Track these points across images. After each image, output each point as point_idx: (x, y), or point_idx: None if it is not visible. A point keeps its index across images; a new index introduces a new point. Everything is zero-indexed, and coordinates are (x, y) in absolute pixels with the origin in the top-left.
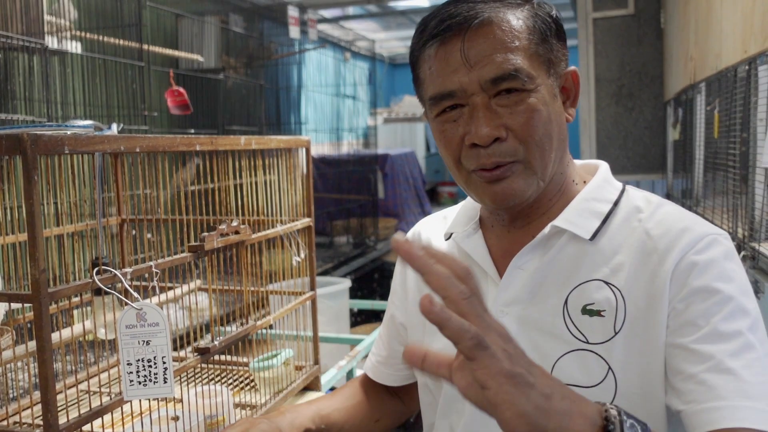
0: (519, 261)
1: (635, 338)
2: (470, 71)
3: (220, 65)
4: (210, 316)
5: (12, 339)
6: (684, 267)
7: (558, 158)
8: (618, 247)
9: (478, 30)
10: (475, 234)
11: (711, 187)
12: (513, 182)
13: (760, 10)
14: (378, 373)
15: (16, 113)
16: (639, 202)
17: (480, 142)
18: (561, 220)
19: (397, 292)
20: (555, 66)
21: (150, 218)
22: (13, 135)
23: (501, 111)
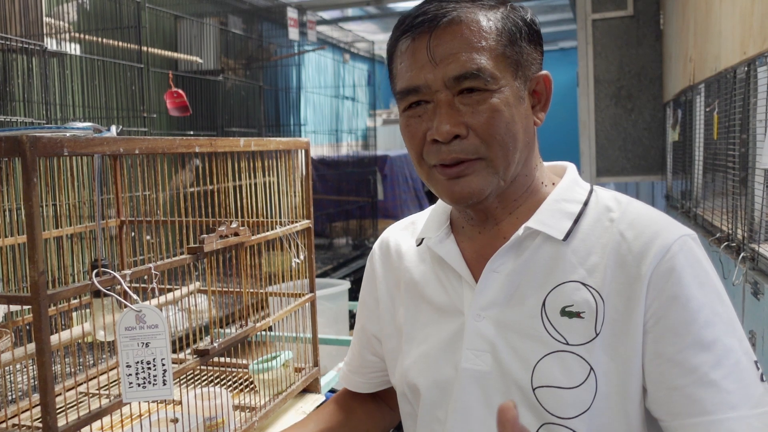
0: (494, 264)
1: (614, 339)
2: (435, 68)
3: (219, 67)
4: (209, 317)
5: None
6: (660, 273)
7: (522, 159)
8: (591, 248)
9: (446, 28)
10: (447, 238)
11: (710, 188)
12: (472, 181)
13: (759, 11)
14: (352, 382)
15: (15, 115)
16: (608, 202)
17: (440, 138)
18: (534, 222)
19: (366, 303)
20: (524, 69)
21: (149, 220)
22: (12, 137)
23: (463, 109)
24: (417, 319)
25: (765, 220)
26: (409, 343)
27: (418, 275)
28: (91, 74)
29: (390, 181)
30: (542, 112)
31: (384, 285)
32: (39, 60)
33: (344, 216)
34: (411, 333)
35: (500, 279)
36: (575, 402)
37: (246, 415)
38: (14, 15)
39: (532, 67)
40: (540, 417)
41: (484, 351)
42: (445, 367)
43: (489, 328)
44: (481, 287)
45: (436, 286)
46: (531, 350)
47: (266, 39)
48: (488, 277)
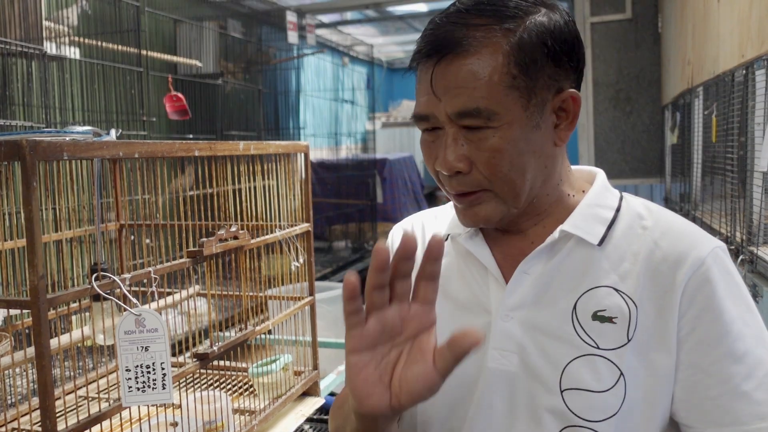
0: (525, 266)
1: (646, 346)
2: (438, 102)
3: (218, 70)
4: (209, 321)
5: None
6: (694, 285)
7: (538, 183)
8: (624, 254)
9: (452, 61)
10: (477, 236)
11: (709, 191)
12: (481, 210)
13: (757, 14)
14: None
15: (15, 119)
16: (639, 209)
17: (444, 171)
18: (569, 226)
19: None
20: (538, 95)
21: (149, 223)
22: (12, 141)
23: (467, 144)
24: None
25: (763, 223)
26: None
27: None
28: (90, 78)
29: (389, 184)
30: (568, 131)
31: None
32: (39, 64)
33: (343, 219)
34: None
35: (530, 280)
36: (603, 406)
37: (245, 419)
38: (14, 19)
39: (555, 87)
40: (564, 419)
41: (511, 351)
42: (468, 365)
43: (516, 329)
44: (511, 288)
45: (459, 282)
46: (561, 352)
47: (265, 42)
48: (519, 278)
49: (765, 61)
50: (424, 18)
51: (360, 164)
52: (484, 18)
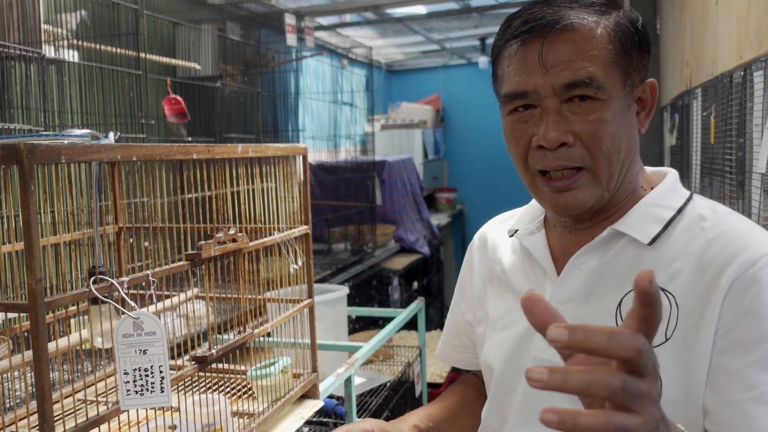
0: (577, 260)
1: (684, 346)
2: (546, 74)
3: (217, 73)
4: (207, 324)
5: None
6: (740, 285)
7: (625, 169)
8: (677, 255)
9: (559, 35)
10: (538, 232)
11: (708, 192)
12: (578, 194)
13: (755, 15)
14: (450, 358)
15: (13, 122)
16: (704, 211)
17: (547, 145)
18: (621, 224)
19: (463, 290)
20: (632, 77)
21: (147, 226)
22: (9, 144)
23: (571, 117)
24: (502, 306)
25: (762, 224)
26: (492, 327)
27: (507, 265)
28: (89, 81)
29: (388, 186)
30: (647, 119)
31: (479, 274)
32: (37, 67)
33: (343, 221)
34: (495, 319)
35: (581, 276)
36: None
37: (244, 422)
38: (12, 22)
39: (640, 75)
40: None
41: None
42: (518, 353)
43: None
44: (561, 281)
45: (521, 276)
46: None
47: (264, 45)
48: (570, 273)
49: (763, 63)
50: (423, 20)
51: (359, 166)
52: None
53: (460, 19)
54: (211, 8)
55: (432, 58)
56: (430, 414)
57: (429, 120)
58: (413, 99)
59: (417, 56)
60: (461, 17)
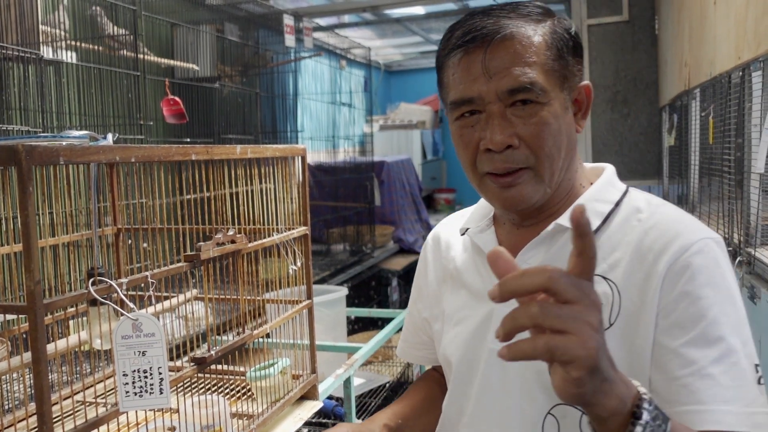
0: (525, 255)
1: (627, 331)
2: (489, 81)
3: (215, 74)
4: (206, 325)
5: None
6: (676, 270)
7: (566, 166)
8: (617, 245)
9: (500, 44)
10: (488, 230)
11: (707, 192)
12: (522, 189)
13: (753, 16)
14: (411, 356)
15: (12, 124)
16: (640, 203)
17: (494, 148)
18: (564, 219)
19: (419, 289)
20: (569, 80)
21: (146, 228)
22: (8, 146)
23: (515, 120)
24: (456, 302)
25: (761, 224)
26: (449, 323)
27: (460, 263)
28: (87, 82)
29: (387, 186)
30: (583, 119)
31: (433, 273)
32: (35, 68)
33: (341, 222)
34: (450, 314)
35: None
36: None
37: (244, 423)
38: (10, 23)
39: (575, 78)
40: (553, 398)
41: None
42: (474, 346)
43: None
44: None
45: (473, 273)
46: None
47: (263, 46)
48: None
49: (761, 63)
50: (422, 21)
51: (358, 167)
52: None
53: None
54: (210, 9)
55: (430, 59)
56: (398, 412)
57: (428, 120)
58: (412, 99)
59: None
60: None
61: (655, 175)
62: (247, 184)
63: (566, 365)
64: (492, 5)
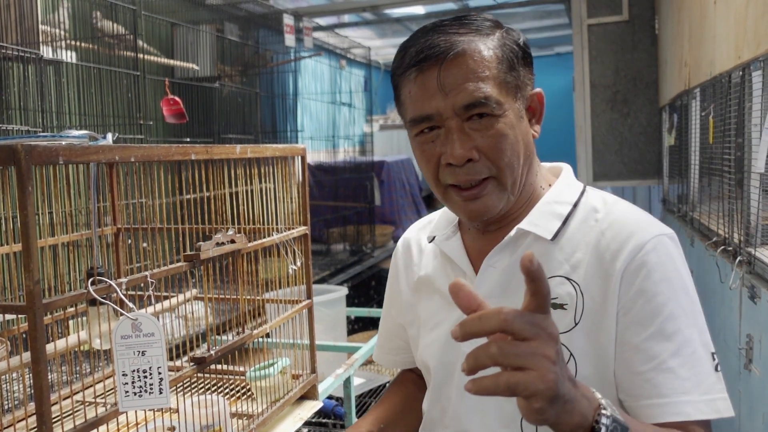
0: (491, 260)
1: (592, 328)
2: (446, 98)
3: (215, 74)
4: (206, 325)
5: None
6: (632, 269)
7: (525, 172)
8: (577, 246)
9: (453, 61)
10: (453, 236)
11: (707, 192)
12: (487, 200)
13: (753, 16)
14: (386, 360)
15: (11, 123)
16: (596, 203)
17: (455, 162)
18: (525, 223)
19: (391, 295)
20: (522, 90)
21: (145, 227)
22: (7, 146)
23: (473, 134)
24: (430, 307)
25: (761, 224)
26: (424, 328)
27: (431, 269)
28: (87, 82)
29: (387, 186)
30: (537, 125)
31: (405, 279)
32: (35, 68)
33: (341, 222)
34: (425, 320)
35: (496, 273)
36: None
37: (243, 423)
38: (10, 23)
39: (528, 87)
40: None
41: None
42: (450, 350)
43: None
44: (479, 280)
45: (443, 278)
46: None
47: (262, 46)
48: (486, 272)
49: (761, 63)
50: (422, 20)
51: (358, 167)
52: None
53: None
54: (210, 9)
55: None
56: (379, 416)
57: None
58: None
59: None
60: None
61: (655, 174)
62: (246, 184)
63: (528, 399)
64: (441, 20)
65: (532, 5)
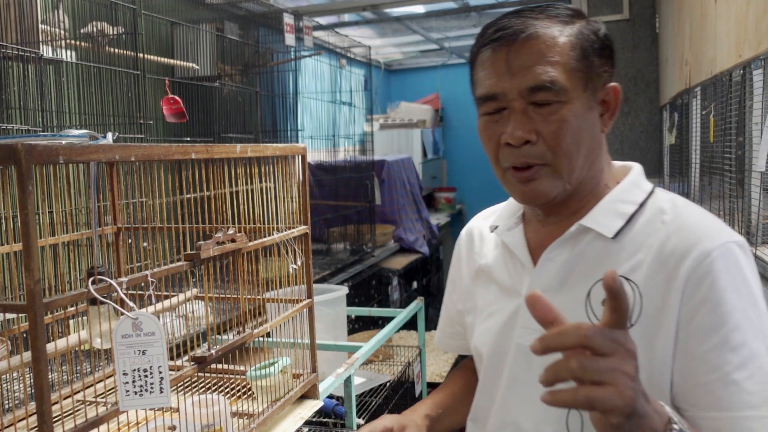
0: (550, 254)
1: (648, 332)
2: (512, 78)
3: (215, 73)
4: (207, 324)
5: (7, 349)
6: (697, 276)
7: (588, 165)
8: (639, 246)
9: (524, 43)
10: (516, 227)
11: (707, 191)
12: (540, 184)
13: (754, 14)
14: (448, 345)
15: (11, 123)
16: (664, 204)
17: (513, 142)
18: (587, 220)
19: (453, 282)
20: (593, 81)
21: (146, 227)
22: (7, 145)
23: (535, 117)
24: (487, 296)
25: (762, 223)
26: (480, 316)
27: (491, 259)
28: (87, 81)
29: (387, 185)
30: (610, 120)
31: (466, 267)
32: (35, 67)
33: (342, 221)
34: (482, 308)
35: (555, 267)
36: None
37: (244, 422)
38: (10, 22)
39: (602, 78)
40: None
41: (534, 330)
42: (502, 340)
43: None
44: (537, 273)
45: (503, 269)
46: None
47: (263, 45)
48: (544, 265)
49: (762, 61)
50: (422, 19)
51: (358, 166)
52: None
53: (458, 18)
54: (210, 8)
55: (431, 58)
56: (438, 402)
57: (428, 119)
58: (412, 98)
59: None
60: (460, 16)
61: (655, 173)
62: (247, 183)
63: (605, 413)
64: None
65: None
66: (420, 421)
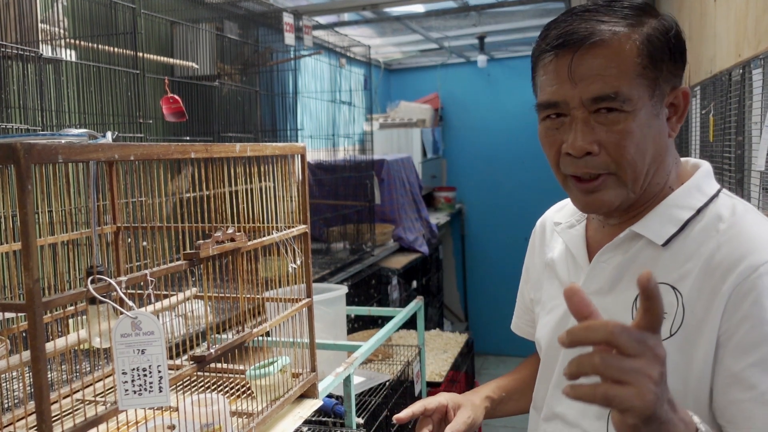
0: (602, 256)
1: (687, 343)
2: (574, 87)
3: (215, 72)
4: (206, 323)
5: (6, 349)
6: (741, 291)
7: (653, 171)
8: (690, 255)
9: (589, 50)
10: (578, 225)
11: None
12: (604, 194)
13: (753, 14)
14: (523, 331)
15: (11, 122)
16: (723, 211)
17: (574, 153)
18: (639, 225)
19: (527, 271)
20: (661, 87)
21: (145, 226)
22: (6, 144)
23: (598, 127)
24: (550, 290)
25: None
26: (543, 309)
27: (557, 254)
28: (86, 80)
29: (387, 185)
30: (678, 123)
31: (538, 258)
32: (34, 66)
33: (341, 220)
34: (545, 301)
35: (607, 270)
36: None
37: (243, 421)
38: (9, 22)
39: (671, 83)
40: None
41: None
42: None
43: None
44: (590, 275)
45: (564, 266)
46: None
47: (262, 44)
48: (596, 267)
49: (762, 61)
50: (422, 19)
51: (358, 165)
52: (613, 16)
53: (458, 17)
54: (209, 7)
55: (430, 57)
56: (503, 385)
57: (428, 119)
58: (412, 98)
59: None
60: (460, 16)
61: None
62: (246, 183)
63: (623, 413)
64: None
65: (532, 3)
66: (478, 402)
